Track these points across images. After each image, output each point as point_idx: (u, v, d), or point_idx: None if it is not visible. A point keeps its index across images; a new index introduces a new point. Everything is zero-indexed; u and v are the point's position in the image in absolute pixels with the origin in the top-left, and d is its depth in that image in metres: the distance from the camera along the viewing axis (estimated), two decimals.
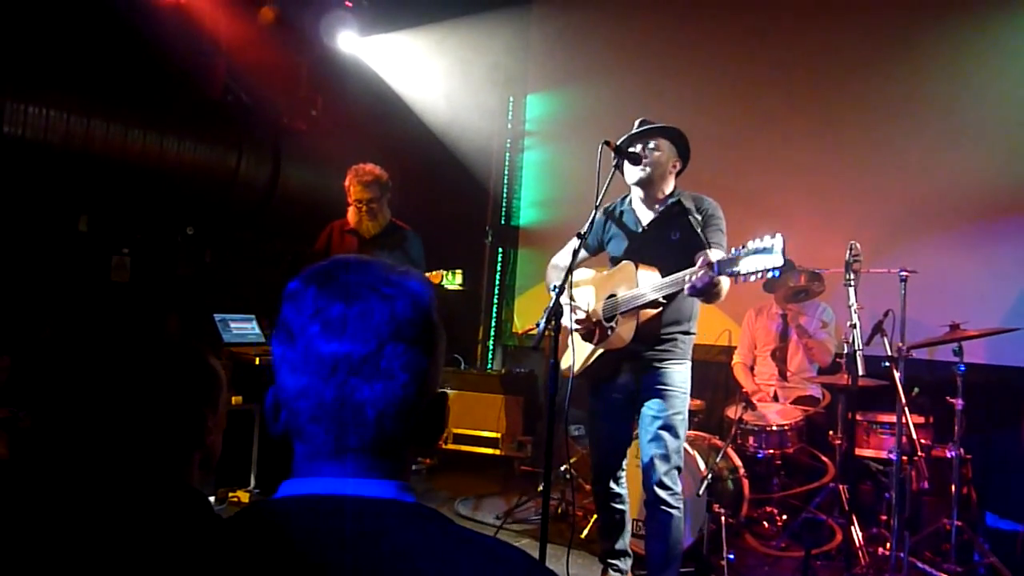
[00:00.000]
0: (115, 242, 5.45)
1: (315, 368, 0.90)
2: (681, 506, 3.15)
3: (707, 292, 2.80)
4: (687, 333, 3.22)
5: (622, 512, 3.42)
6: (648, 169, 3.14)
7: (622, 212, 3.35)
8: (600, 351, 3.23)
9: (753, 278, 2.61)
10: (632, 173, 3.17)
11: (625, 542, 3.45)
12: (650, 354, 3.17)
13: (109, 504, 1.27)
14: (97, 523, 1.20)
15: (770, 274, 2.58)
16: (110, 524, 1.20)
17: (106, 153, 4.97)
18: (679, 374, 3.18)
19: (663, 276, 2.98)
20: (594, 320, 3.22)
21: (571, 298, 3.14)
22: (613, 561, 3.44)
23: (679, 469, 3.17)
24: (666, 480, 3.12)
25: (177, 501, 1.34)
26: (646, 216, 3.27)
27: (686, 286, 2.79)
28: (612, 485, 3.38)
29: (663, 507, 3.12)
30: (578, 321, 3.22)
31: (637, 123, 3.21)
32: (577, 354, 3.32)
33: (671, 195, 3.23)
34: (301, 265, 3.56)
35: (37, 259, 4.97)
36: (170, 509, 1.31)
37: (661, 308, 3.06)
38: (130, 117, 5.07)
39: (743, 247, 2.62)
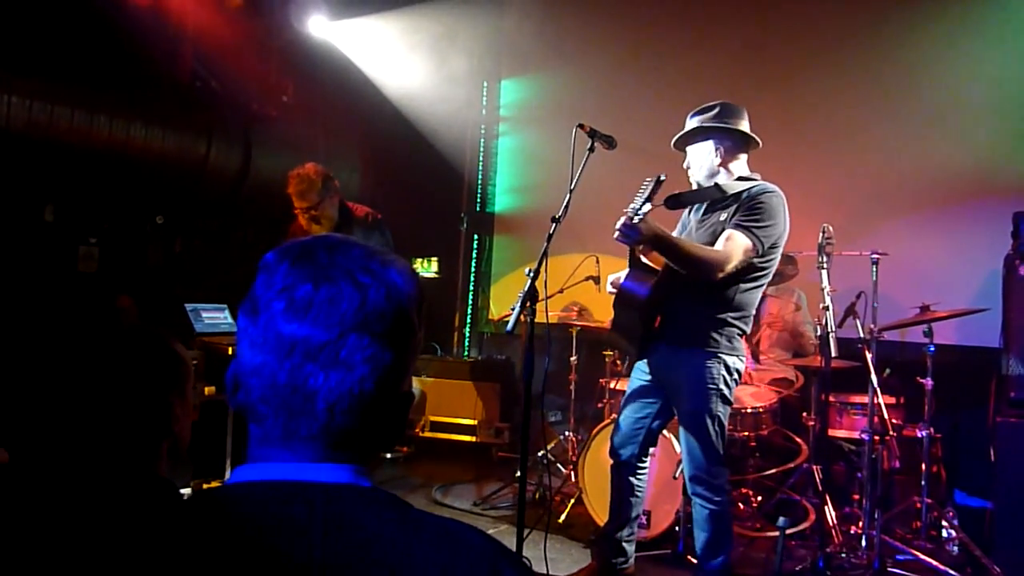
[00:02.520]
0: (82, 232, 5.34)
1: (273, 347, 0.86)
2: (720, 499, 3.10)
3: (632, 237, 2.84)
4: (724, 324, 3.06)
5: (629, 504, 3.38)
6: (694, 179, 3.22)
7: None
8: (616, 296, 3.16)
9: (635, 215, 2.69)
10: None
11: (623, 534, 3.42)
12: (677, 342, 3.12)
13: (76, 495, 1.25)
14: (63, 514, 1.18)
15: (638, 212, 2.66)
16: (76, 515, 1.17)
17: (71, 141, 4.87)
18: (708, 369, 3.04)
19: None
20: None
21: (546, 284, 3.10)
22: (604, 553, 3.45)
23: (716, 464, 3.09)
24: (700, 474, 3.10)
25: (146, 491, 1.32)
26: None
27: (615, 235, 2.84)
28: (625, 472, 3.36)
29: (698, 501, 3.13)
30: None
31: (688, 119, 3.23)
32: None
33: (730, 181, 3.16)
34: None
35: (1, 250, 4.87)
36: (138, 499, 1.29)
37: (653, 277, 3.03)
38: (95, 104, 4.96)
39: None
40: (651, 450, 3.48)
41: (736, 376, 3.12)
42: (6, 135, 4.56)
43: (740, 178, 3.15)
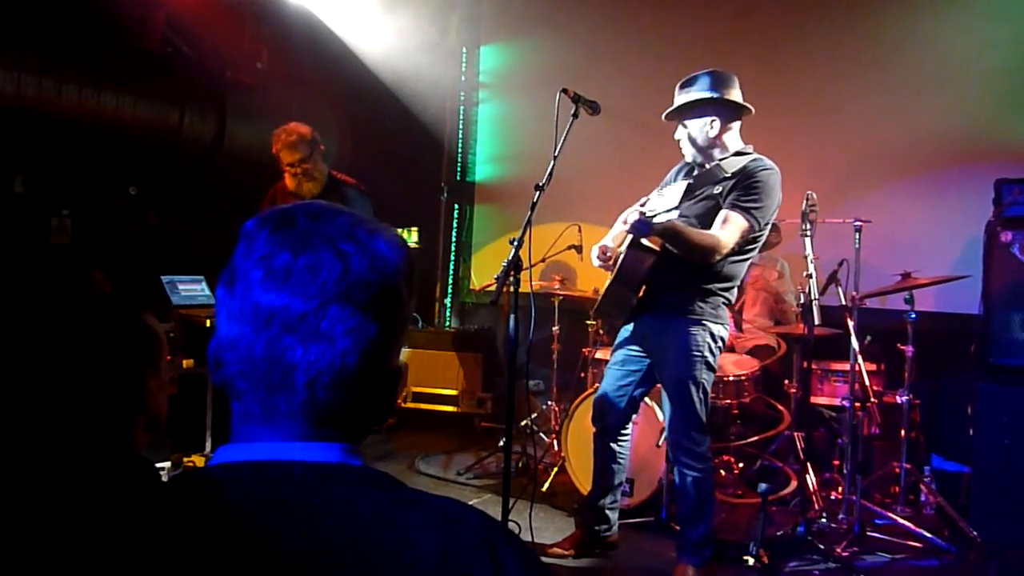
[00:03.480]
0: (54, 203, 5.22)
1: (249, 318, 0.82)
2: (702, 466, 3.12)
3: (642, 233, 2.84)
4: (710, 293, 3.08)
5: (612, 472, 3.40)
6: (686, 153, 3.19)
7: (692, 167, 3.28)
8: (606, 286, 3.20)
9: (658, 217, 2.63)
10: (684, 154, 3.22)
11: (606, 502, 3.44)
12: (662, 311, 3.12)
13: (48, 472, 1.21)
14: (36, 493, 1.14)
15: (665, 215, 2.58)
16: (49, 494, 1.14)
17: (39, 109, 4.72)
18: (693, 336, 3.06)
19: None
20: (615, 260, 3.19)
21: (530, 253, 3.07)
22: (588, 520, 3.46)
23: (699, 432, 3.12)
24: (681, 441, 3.11)
25: (120, 468, 1.29)
26: (693, 173, 3.23)
27: (627, 228, 2.81)
28: (607, 439, 3.38)
29: (681, 468, 3.15)
30: (603, 258, 3.19)
31: (677, 89, 3.17)
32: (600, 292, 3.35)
33: (726, 155, 3.12)
34: None
35: None
36: (113, 477, 1.25)
37: (653, 256, 3.01)
38: (64, 71, 4.81)
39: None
40: (633, 418, 3.49)
41: (720, 344, 3.14)
42: None
43: (737, 153, 3.12)
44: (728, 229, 2.93)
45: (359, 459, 0.85)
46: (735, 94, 3.13)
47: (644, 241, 2.97)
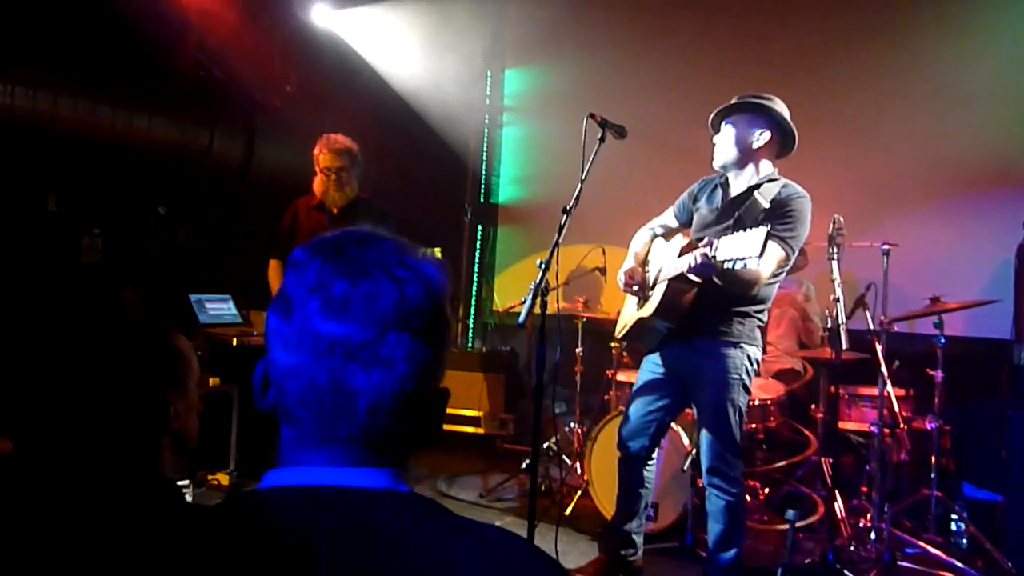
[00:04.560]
0: (85, 222, 5.32)
1: (310, 347, 0.83)
2: (736, 491, 3.08)
3: (705, 276, 2.79)
4: (745, 316, 3.07)
5: (638, 496, 3.36)
6: (722, 149, 3.11)
7: (715, 186, 3.24)
8: (636, 318, 3.19)
9: (729, 264, 2.58)
10: (715, 155, 3.14)
11: (632, 527, 3.39)
12: (698, 334, 3.08)
13: (72, 493, 1.21)
14: (60, 515, 1.15)
15: (742, 263, 2.54)
16: (74, 516, 1.14)
17: (74, 131, 4.84)
18: (731, 359, 3.04)
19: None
20: (643, 285, 3.18)
21: (557, 276, 3.07)
22: (613, 545, 3.41)
23: (734, 455, 3.08)
24: (716, 465, 3.07)
25: (144, 490, 1.28)
26: (728, 196, 3.16)
27: (685, 267, 2.77)
28: (635, 465, 3.34)
29: (714, 492, 3.10)
30: (631, 283, 3.18)
31: (735, 99, 3.14)
32: (625, 316, 3.31)
33: (757, 180, 3.09)
34: (273, 244, 3.45)
35: (5, 240, 4.84)
36: (137, 499, 1.25)
37: (695, 288, 2.99)
38: (98, 93, 4.93)
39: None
40: (660, 442, 3.46)
41: (756, 366, 3.14)
42: (9, 125, 4.53)
43: (768, 179, 3.09)
44: (766, 259, 2.89)
45: (406, 485, 0.86)
46: (790, 125, 3.11)
47: (690, 275, 2.96)
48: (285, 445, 0.87)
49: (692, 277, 2.91)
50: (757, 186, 3.07)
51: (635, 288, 3.20)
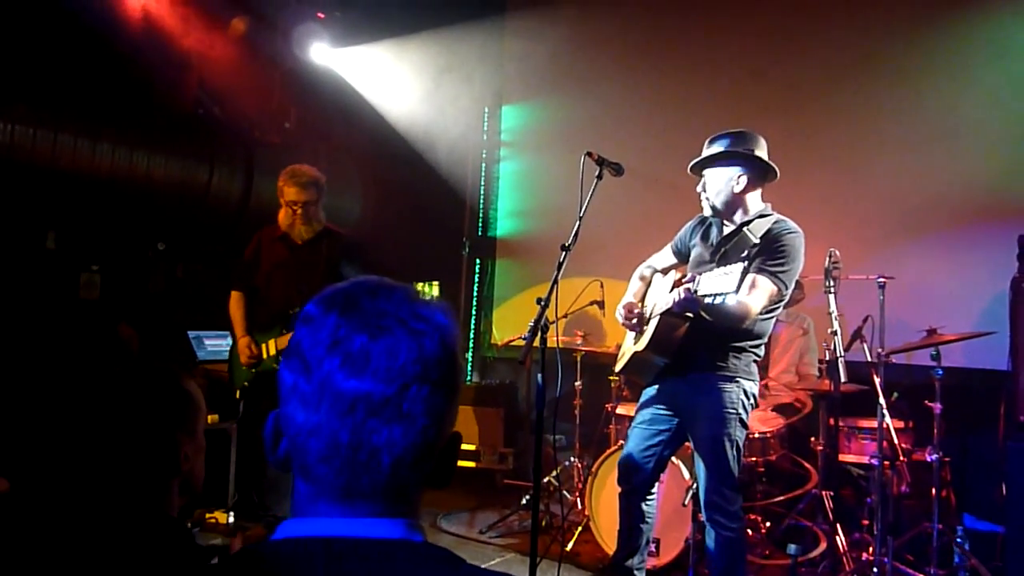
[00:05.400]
0: (84, 259, 5.33)
1: (331, 405, 0.83)
2: (736, 526, 3.08)
3: (689, 311, 2.83)
4: (741, 351, 3.09)
5: (640, 531, 3.34)
6: (707, 203, 3.16)
7: (711, 223, 3.27)
8: (632, 352, 3.21)
9: (709, 300, 2.62)
10: (703, 207, 3.20)
11: (635, 563, 3.36)
12: (693, 370, 3.10)
13: (84, 537, 1.22)
14: (72, 557, 1.15)
15: (721, 299, 2.58)
16: (86, 559, 1.15)
17: (74, 168, 4.87)
18: (727, 393, 3.05)
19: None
20: (640, 320, 3.21)
21: (556, 311, 3.08)
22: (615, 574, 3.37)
23: (732, 489, 3.08)
24: (715, 499, 3.07)
25: (154, 532, 1.28)
26: (721, 234, 3.21)
27: (671, 303, 2.80)
28: (635, 499, 3.32)
29: (713, 527, 3.09)
30: (629, 317, 3.21)
31: (705, 145, 3.19)
32: (624, 350, 3.34)
33: (749, 217, 3.12)
34: (234, 275, 3.43)
35: (3, 277, 4.85)
36: (147, 542, 1.25)
37: (687, 323, 3.02)
38: (98, 131, 4.97)
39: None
40: (660, 477, 3.45)
41: (753, 401, 3.14)
42: (9, 162, 4.56)
43: (759, 215, 3.12)
44: (756, 294, 2.93)
45: (421, 535, 0.86)
46: (763, 154, 3.14)
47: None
48: (299, 499, 0.87)
49: (679, 312, 2.94)
50: (747, 223, 3.10)
51: (632, 322, 3.22)
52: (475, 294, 6.95)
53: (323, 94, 6.18)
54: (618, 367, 3.42)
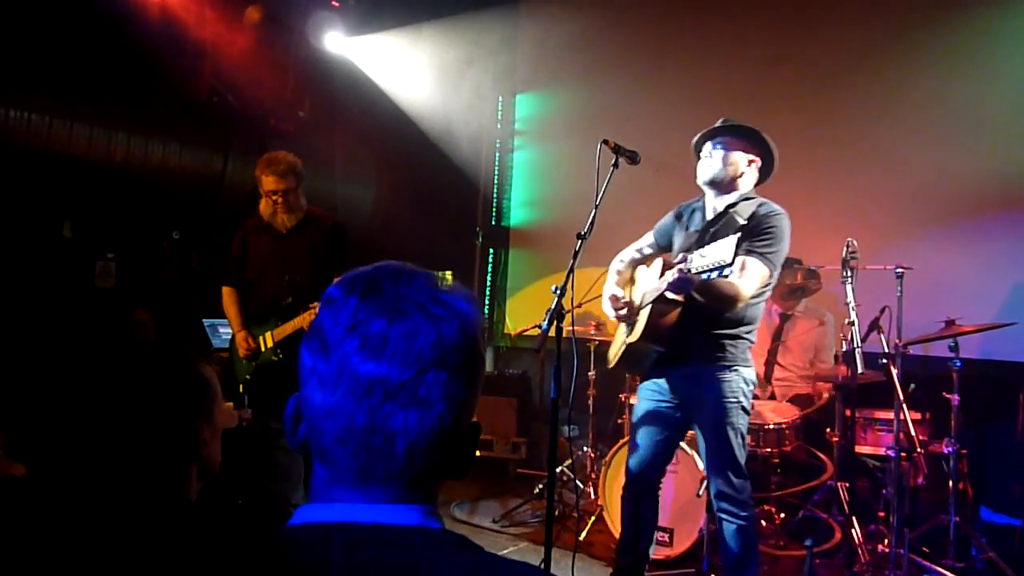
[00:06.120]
0: (99, 247, 5.36)
1: (348, 387, 0.83)
2: (746, 514, 3.06)
3: (685, 291, 2.78)
4: (736, 338, 3.07)
5: (649, 531, 3.31)
6: (711, 169, 3.10)
7: (694, 210, 3.26)
8: (625, 344, 3.18)
9: (706, 275, 2.56)
10: (700, 172, 3.14)
11: (641, 566, 3.33)
12: (691, 361, 3.08)
13: (104, 522, 1.23)
14: (93, 541, 1.16)
15: (717, 272, 2.52)
16: (106, 542, 1.15)
17: (90, 157, 4.89)
18: (728, 383, 3.04)
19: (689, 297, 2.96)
20: (630, 310, 3.17)
21: (572, 300, 3.05)
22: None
23: (740, 478, 3.06)
24: (725, 490, 3.06)
25: (174, 516, 1.30)
26: (706, 218, 3.18)
27: (664, 286, 2.76)
28: (647, 500, 3.29)
29: (723, 517, 3.08)
30: (618, 308, 3.17)
31: (719, 121, 3.16)
32: (616, 343, 3.30)
33: (734, 200, 3.10)
34: (224, 271, 3.42)
35: (20, 265, 4.88)
36: (167, 525, 1.26)
37: (678, 308, 2.98)
38: (114, 120, 5.00)
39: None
40: (673, 467, 3.44)
41: (752, 387, 3.12)
42: (25, 151, 4.59)
43: (744, 198, 3.10)
44: (747, 276, 2.90)
45: (438, 521, 0.86)
46: (775, 156, 3.15)
47: (668, 294, 2.95)
48: (317, 483, 0.87)
49: (672, 296, 2.91)
50: (733, 205, 3.09)
51: (623, 313, 3.18)
52: (488, 284, 6.95)
53: (337, 83, 6.18)
54: (612, 362, 3.37)
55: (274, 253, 4.05)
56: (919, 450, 3.75)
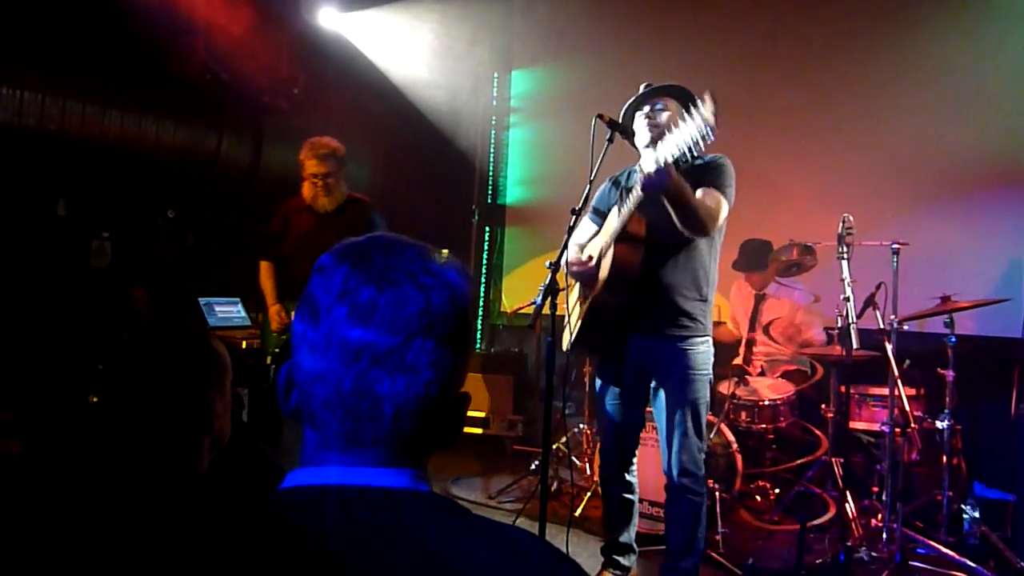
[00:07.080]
0: (94, 226, 5.34)
1: (337, 353, 0.84)
2: (703, 491, 3.05)
3: (662, 188, 2.58)
4: (704, 300, 3.02)
5: (631, 503, 3.30)
6: (657, 129, 2.95)
7: (630, 172, 3.20)
8: (586, 306, 3.04)
9: (679, 153, 2.47)
10: (641, 135, 3.00)
11: (630, 535, 3.33)
12: (661, 325, 2.99)
13: (119, 493, 1.24)
14: (107, 513, 1.17)
15: (691, 144, 2.43)
16: (119, 513, 1.16)
17: (83, 135, 4.86)
18: (702, 355, 3.00)
19: (653, 233, 2.90)
20: (589, 265, 3.04)
21: (566, 277, 3.01)
22: (616, 557, 3.33)
23: (702, 453, 3.04)
24: (688, 466, 3.01)
25: (188, 489, 1.31)
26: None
27: (638, 186, 2.69)
28: (621, 473, 3.26)
29: (686, 494, 3.03)
30: (579, 266, 3.03)
31: (642, 87, 3.08)
32: (572, 319, 3.14)
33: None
34: (264, 247, 3.46)
35: (14, 245, 4.86)
36: (180, 497, 1.28)
37: (643, 246, 2.91)
38: (107, 98, 4.96)
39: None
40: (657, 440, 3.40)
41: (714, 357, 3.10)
42: (18, 130, 4.56)
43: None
44: (712, 200, 2.83)
45: (427, 485, 0.87)
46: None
47: (629, 230, 2.87)
48: (308, 446, 0.89)
49: (630, 231, 2.83)
50: (678, 159, 2.85)
51: (590, 265, 3.04)
52: (484, 262, 6.94)
53: (332, 59, 6.12)
54: (568, 343, 3.14)
55: (312, 233, 4.19)
56: (913, 426, 3.77)
